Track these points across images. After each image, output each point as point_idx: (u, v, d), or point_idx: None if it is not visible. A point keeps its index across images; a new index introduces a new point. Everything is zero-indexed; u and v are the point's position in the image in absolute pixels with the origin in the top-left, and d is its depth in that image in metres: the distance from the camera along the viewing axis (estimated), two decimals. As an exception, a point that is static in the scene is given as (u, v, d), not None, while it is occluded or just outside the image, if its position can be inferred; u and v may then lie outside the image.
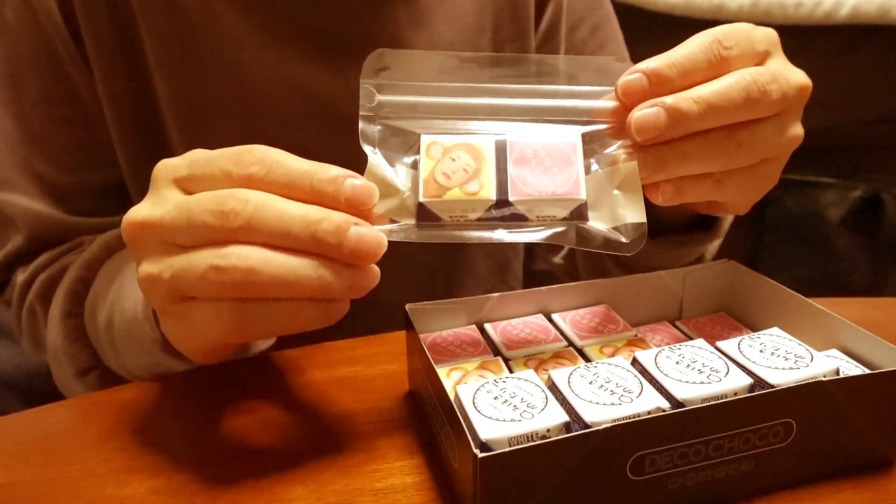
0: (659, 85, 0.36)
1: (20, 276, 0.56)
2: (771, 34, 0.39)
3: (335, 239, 0.32)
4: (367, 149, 0.37)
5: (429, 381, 0.37)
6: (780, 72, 0.37)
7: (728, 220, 0.54)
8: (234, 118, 0.55)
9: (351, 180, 0.33)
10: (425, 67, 0.38)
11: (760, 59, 0.38)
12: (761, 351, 0.37)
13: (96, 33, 0.52)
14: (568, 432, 0.32)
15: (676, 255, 0.53)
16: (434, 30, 0.58)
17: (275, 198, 0.32)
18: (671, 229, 0.52)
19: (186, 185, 0.34)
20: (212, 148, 0.35)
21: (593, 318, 0.45)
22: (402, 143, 0.37)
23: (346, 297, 0.34)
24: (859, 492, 0.35)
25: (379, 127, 0.38)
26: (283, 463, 0.37)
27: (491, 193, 0.36)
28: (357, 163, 0.36)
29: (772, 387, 0.34)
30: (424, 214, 0.36)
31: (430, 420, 0.39)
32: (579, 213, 0.37)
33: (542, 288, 0.46)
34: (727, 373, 0.35)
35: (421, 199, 0.36)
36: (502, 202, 0.36)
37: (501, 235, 0.36)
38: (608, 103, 0.38)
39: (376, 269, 0.34)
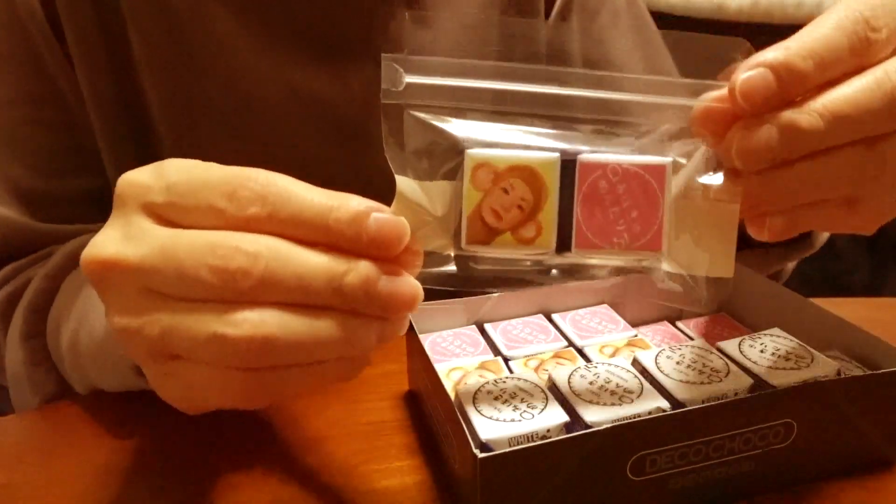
0: (791, 83, 0.27)
1: None
2: None
3: (363, 294, 0.27)
4: (393, 162, 0.30)
5: (429, 381, 0.37)
6: None
7: (825, 233, 0.46)
8: (228, 124, 0.53)
9: (376, 216, 0.27)
10: (465, 39, 0.31)
11: None
12: (762, 351, 0.36)
13: (80, 32, 0.50)
14: (568, 433, 0.32)
15: (757, 270, 0.47)
16: (438, 28, 0.57)
17: (289, 247, 0.27)
18: (755, 241, 0.47)
19: (163, 214, 0.28)
20: (206, 155, 0.29)
21: (593, 318, 0.45)
22: (439, 148, 0.30)
23: (374, 349, 0.29)
24: (860, 492, 0.35)
25: (408, 126, 0.30)
26: (282, 463, 0.37)
27: (550, 241, 0.30)
28: (359, 169, 0.34)
29: (772, 387, 0.34)
30: (465, 258, 0.31)
31: (429, 420, 0.39)
32: (652, 264, 0.31)
33: (542, 288, 0.46)
34: (728, 373, 0.35)
35: (462, 245, 0.30)
36: (562, 248, 0.30)
37: (554, 280, 0.32)
38: (715, 105, 0.29)
39: (406, 315, 0.29)
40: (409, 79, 0.29)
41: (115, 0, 0.50)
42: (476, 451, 0.29)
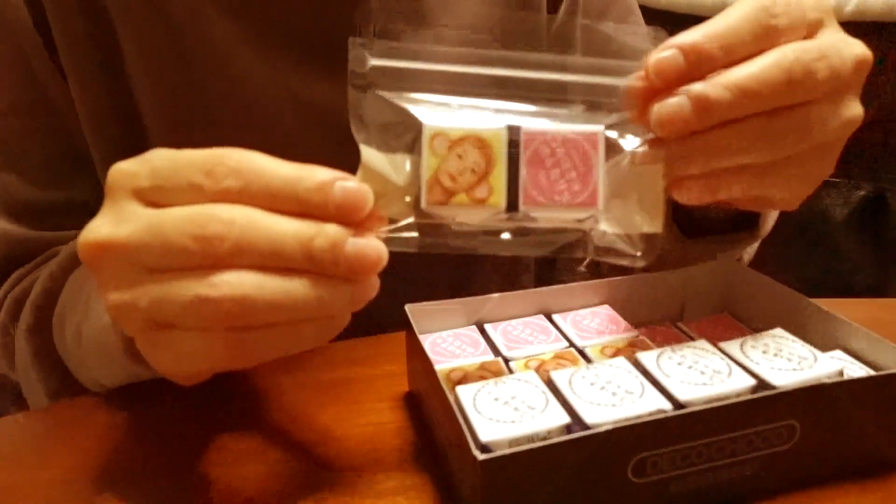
0: (698, 63, 0.31)
1: None
2: (823, 0, 0.34)
3: (331, 256, 0.29)
4: (359, 137, 0.33)
5: (429, 383, 0.37)
6: (832, 46, 0.33)
7: (772, 217, 0.50)
8: (226, 131, 0.52)
9: (341, 184, 0.30)
10: (427, 30, 0.34)
11: (812, 29, 0.34)
12: (764, 352, 0.36)
13: (70, 40, 0.49)
14: (569, 434, 0.31)
15: (708, 258, 0.50)
16: (438, 31, 0.57)
17: (261, 214, 0.29)
18: (708, 229, 0.49)
19: (150, 197, 0.30)
20: None
21: (594, 318, 0.45)
22: (401, 125, 0.33)
23: (347, 312, 0.32)
24: (864, 495, 0.34)
25: (372, 104, 0.33)
26: (282, 464, 0.37)
27: (500, 200, 0.33)
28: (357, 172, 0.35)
29: (775, 388, 0.33)
30: (426, 225, 0.34)
31: (429, 421, 0.39)
32: (592, 221, 0.35)
33: (542, 288, 0.45)
34: (730, 374, 0.34)
35: (423, 205, 0.33)
36: (512, 208, 0.33)
37: (507, 245, 0.35)
38: (635, 83, 0.33)
39: (376, 278, 0.32)
40: (374, 62, 0.33)
41: (105, 9, 0.49)
42: (476, 453, 0.29)
